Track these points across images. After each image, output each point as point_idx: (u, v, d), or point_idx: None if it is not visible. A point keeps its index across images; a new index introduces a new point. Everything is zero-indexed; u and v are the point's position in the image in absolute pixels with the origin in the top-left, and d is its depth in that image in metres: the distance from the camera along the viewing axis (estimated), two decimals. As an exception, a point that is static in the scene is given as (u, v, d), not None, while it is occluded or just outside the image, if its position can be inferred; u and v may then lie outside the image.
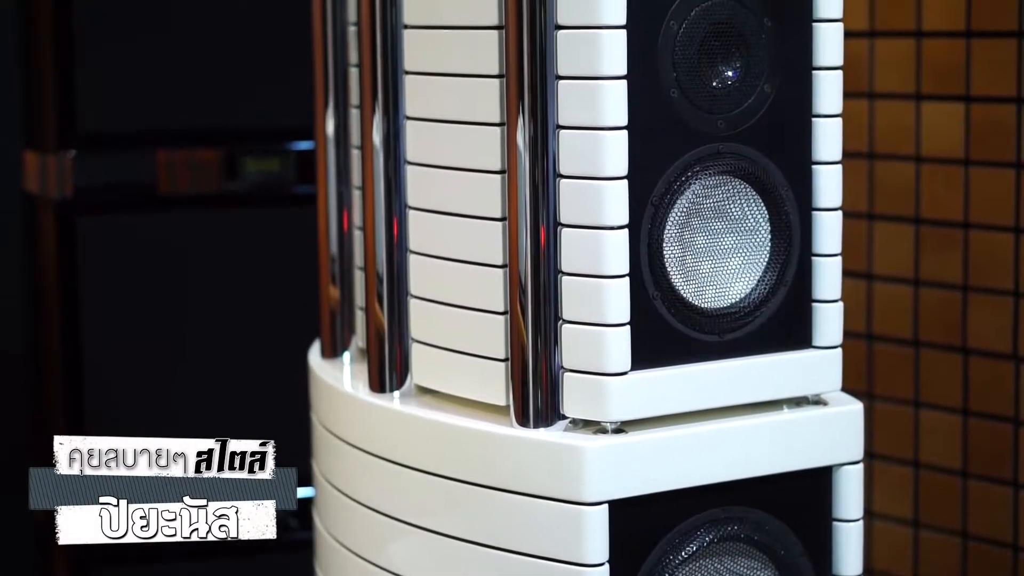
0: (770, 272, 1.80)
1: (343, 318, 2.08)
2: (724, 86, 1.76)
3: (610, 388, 1.72)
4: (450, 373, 1.85)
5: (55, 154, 2.61)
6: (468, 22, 1.78)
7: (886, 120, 2.56)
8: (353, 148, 2.04)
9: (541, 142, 1.71)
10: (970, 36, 2.44)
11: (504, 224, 1.76)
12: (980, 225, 2.46)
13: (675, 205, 1.75)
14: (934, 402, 2.54)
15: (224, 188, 2.67)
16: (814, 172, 1.82)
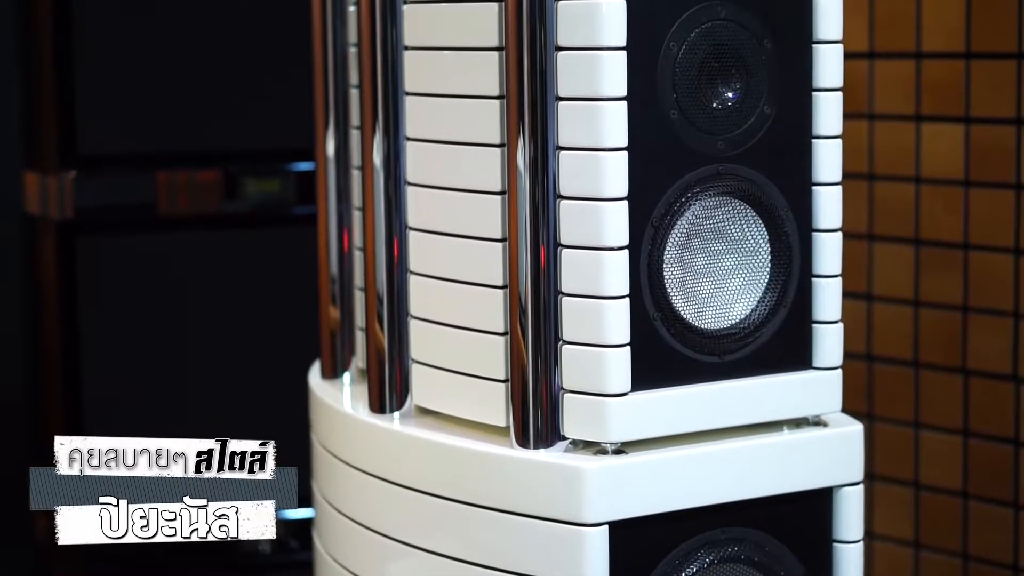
0: (770, 293, 1.81)
1: (343, 339, 2.08)
2: (724, 107, 1.76)
3: (610, 409, 1.72)
4: (450, 394, 1.85)
5: (55, 175, 2.61)
6: (468, 43, 1.78)
7: (886, 141, 2.57)
8: (353, 169, 2.04)
9: (541, 163, 1.71)
10: (970, 57, 2.45)
11: (504, 245, 1.76)
12: (980, 246, 2.46)
13: (675, 226, 1.75)
14: (934, 423, 2.54)
15: (224, 209, 2.67)
16: (814, 193, 1.82)
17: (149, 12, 2.61)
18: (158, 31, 2.61)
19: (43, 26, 2.62)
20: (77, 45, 2.59)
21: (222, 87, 2.64)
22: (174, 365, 2.65)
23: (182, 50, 2.62)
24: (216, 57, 2.64)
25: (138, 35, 2.61)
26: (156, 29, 2.61)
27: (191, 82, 2.63)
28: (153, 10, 2.61)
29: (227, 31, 2.64)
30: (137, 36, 2.61)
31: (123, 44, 2.60)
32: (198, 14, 2.63)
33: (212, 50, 2.63)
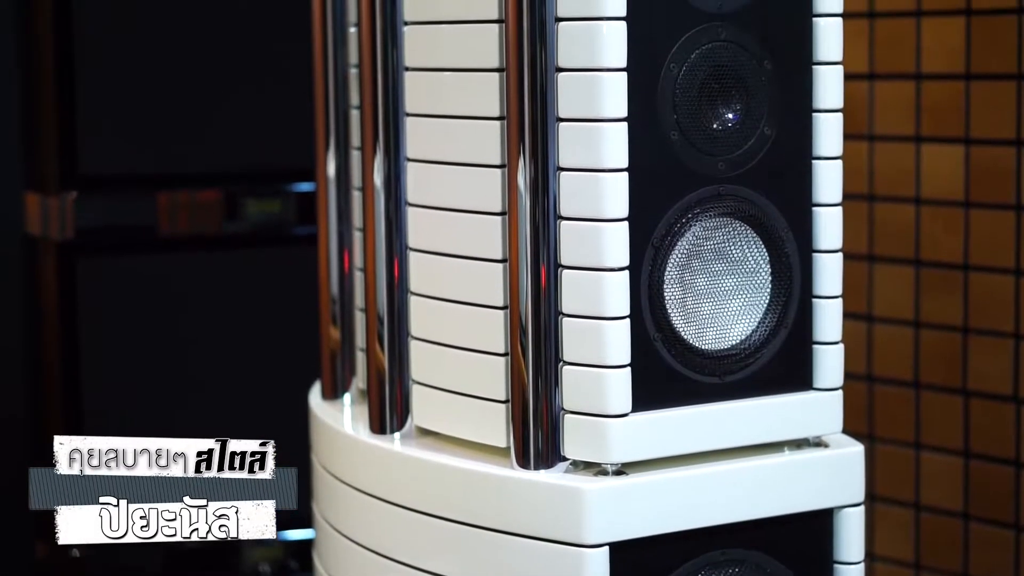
0: (771, 314, 1.81)
1: (344, 359, 2.08)
2: (724, 128, 1.76)
3: (611, 430, 1.72)
4: (451, 415, 1.85)
5: (56, 196, 2.61)
6: (469, 64, 1.78)
7: (886, 162, 2.57)
8: (354, 189, 2.04)
9: (542, 184, 1.72)
10: (969, 78, 2.45)
11: (505, 266, 1.77)
12: (980, 267, 2.46)
13: (676, 247, 1.75)
14: (935, 444, 2.54)
15: (225, 229, 2.67)
16: (814, 214, 1.82)
17: (150, 33, 2.61)
18: (159, 52, 2.62)
19: (44, 46, 2.62)
20: (78, 66, 2.59)
21: (222, 107, 2.65)
22: (175, 386, 2.65)
23: (182, 71, 2.63)
24: (216, 77, 2.64)
25: (139, 56, 2.61)
26: (157, 50, 2.62)
27: (191, 102, 2.63)
28: (154, 31, 2.61)
29: (227, 52, 2.64)
30: (138, 57, 2.61)
31: (124, 65, 2.61)
32: (199, 35, 2.63)
33: (212, 71, 2.64)
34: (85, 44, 2.59)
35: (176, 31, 2.62)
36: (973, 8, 2.44)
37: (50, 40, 2.61)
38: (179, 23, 2.62)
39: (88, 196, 2.61)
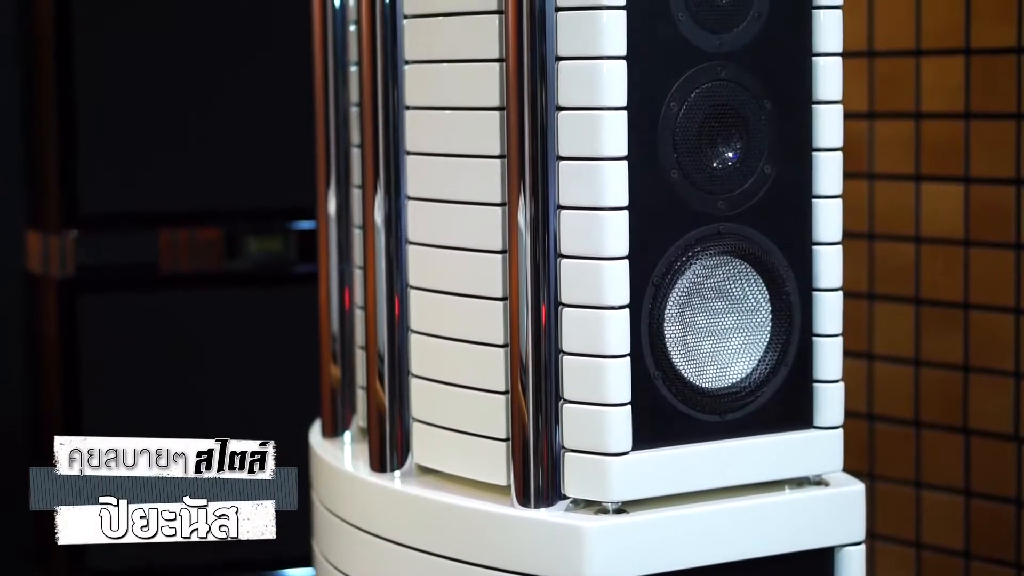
0: (771, 352, 1.81)
1: (344, 397, 2.08)
2: (724, 167, 1.77)
3: (611, 468, 1.72)
4: (451, 453, 1.84)
5: (57, 234, 2.62)
6: (470, 103, 1.79)
7: (886, 201, 2.57)
8: (355, 227, 2.05)
9: (542, 222, 1.72)
10: (969, 117, 2.45)
11: (505, 304, 1.77)
12: (980, 306, 2.46)
13: (676, 285, 1.75)
14: (936, 482, 2.53)
15: (226, 267, 2.67)
16: (814, 252, 1.82)
17: (151, 72, 2.62)
18: (160, 90, 2.62)
19: (46, 86, 2.63)
20: (80, 104, 2.60)
21: (223, 146, 2.65)
22: (175, 423, 2.65)
23: (184, 110, 2.63)
24: (217, 116, 2.65)
25: (140, 94, 2.62)
26: (158, 88, 2.62)
27: (192, 141, 2.64)
28: (155, 70, 2.62)
29: (229, 91, 2.65)
30: (139, 95, 2.62)
31: (125, 103, 2.61)
32: (199, 74, 2.64)
33: (214, 110, 2.65)
34: (87, 82, 2.60)
35: (177, 70, 2.63)
36: (972, 47, 2.44)
37: (52, 78, 2.61)
38: (180, 62, 2.63)
39: (89, 234, 2.62)
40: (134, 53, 2.61)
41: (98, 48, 2.60)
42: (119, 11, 2.60)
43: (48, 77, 2.62)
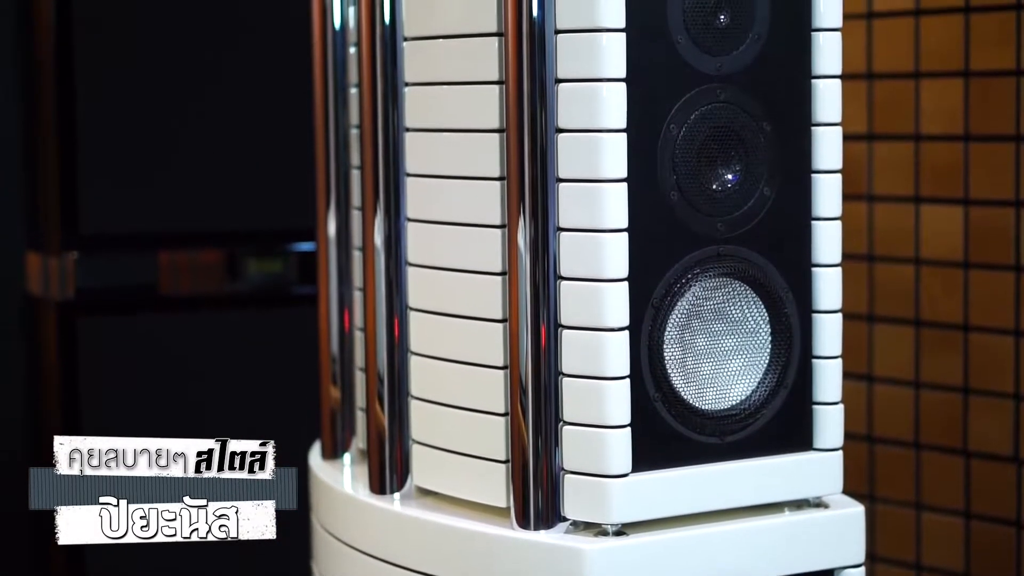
0: (771, 374, 1.81)
1: (344, 419, 2.08)
2: (724, 189, 1.77)
3: (611, 490, 1.72)
4: (451, 474, 1.84)
5: (57, 255, 2.62)
6: (469, 125, 1.79)
7: (885, 222, 2.57)
8: (354, 249, 2.05)
9: (542, 244, 1.72)
10: (968, 140, 2.46)
11: (505, 325, 1.77)
12: (980, 327, 2.46)
13: (675, 307, 1.75)
14: (936, 504, 2.53)
15: (226, 289, 2.67)
16: (814, 274, 1.83)
17: (151, 94, 2.62)
18: (160, 112, 2.63)
19: (46, 107, 2.64)
20: (80, 126, 2.60)
21: (223, 167, 2.65)
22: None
23: (184, 131, 2.64)
24: (218, 137, 2.65)
25: (140, 116, 2.62)
26: (158, 110, 2.62)
27: (192, 162, 2.64)
28: (156, 92, 2.62)
29: (229, 112, 2.65)
30: (139, 117, 2.62)
31: (125, 125, 2.62)
32: (200, 96, 2.64)
33: (214, 131, 2.65)
34: (87, 105, 2.60)
35: (178, 92, 2.63)
36: (972, 70, 2.45)
37: (52, 101, 2.62)
38: (181, 84, 2.63)
39: (89, 256, 2.62)
40: (134, 75, 2.61)
41: (99, 70, 2.60)
42: (120, 33, 2.61)
43: (48, 99, 2.63)
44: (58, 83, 2.61)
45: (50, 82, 2.62)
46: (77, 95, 2.60)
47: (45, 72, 2.63)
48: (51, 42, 2.61)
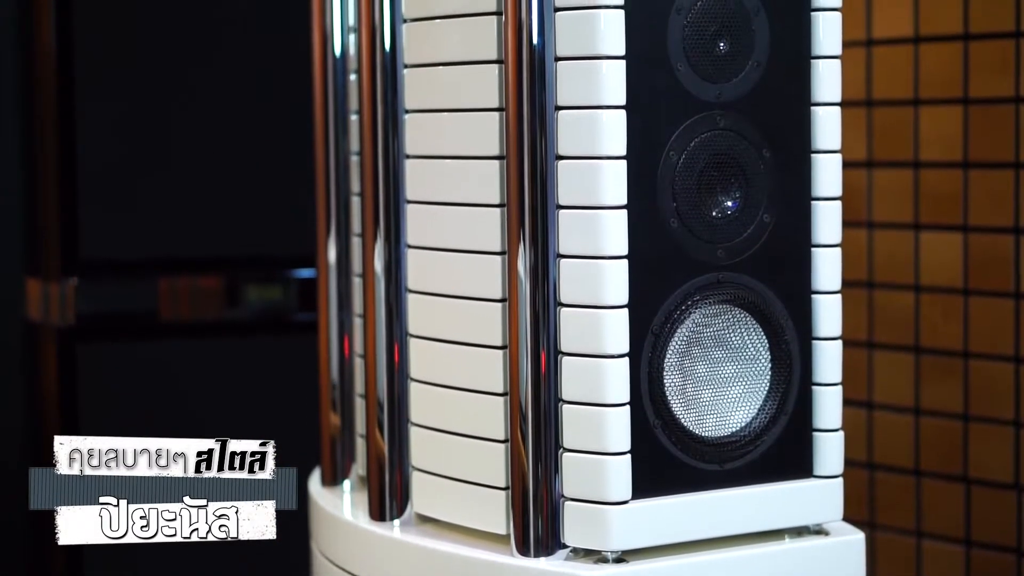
0: (771, 401, 1.81)
1: (343, 445, 2.08)
2: (724, 216, 1.77)
3: (611, 517, 1.72)
4: (451, 501, 1.84)
5: (57, 281, 2.62)
6: (469, 152, 1.79)
7: (885, 249, 2.57)
8: (354, 276, 2.05)
9: (542, 270, 1.72)
10: (968, 167, 2.46)
11: (505, 352, 1.77)
12: (980, 354, 2.46)
13: (675, 334, 1.75)
14: (936, 532, 2.53)
15: (226, 316, 2.67)
16: (814, 301, 1.83)
17: (151, 120, 2.62)
18: (160, 138, 2.63)
19: (47, 133, 2.64)
20: (80, 152, 2.60)
21: (224, 194, 2.66)
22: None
23: (184, 157, 2.64)
24: (218, 164, 2.65)
25: (140, 142, 2.62)
26: (158, 136, 2.63)
27: (192, 189, 2.64)
28: (155, 118, 2.63)
29: (229, 138, 2.65)
30: (139, 143, 2.62)
31: (125, 151, 2.62)
32: (200, 122, 2.64)
33: (214, 157, 2.65)
34: (87, 130, 2.60)
35: (177, 118, 2.63)
36: (971, 97, 2.45)
37: (53, 127, 2.62)
38: (181, 110, 2.64)
39: (89, 282, 2.62)
40: (134, 101, 2.62)
41: (99, 95, 2.61)
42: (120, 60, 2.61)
43: (49, 124, 2.63)
44: (58, 108, 2.61)
45: (50, 107, 2.62)
46: (77, 120, 2.60)
47: (46, 97, 2.64)
48: (51, 66, 2.62)
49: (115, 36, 2.61)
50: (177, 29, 2.63)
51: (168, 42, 2.63)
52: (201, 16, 2.64)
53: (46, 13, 2.62)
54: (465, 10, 1.79)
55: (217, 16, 2.65)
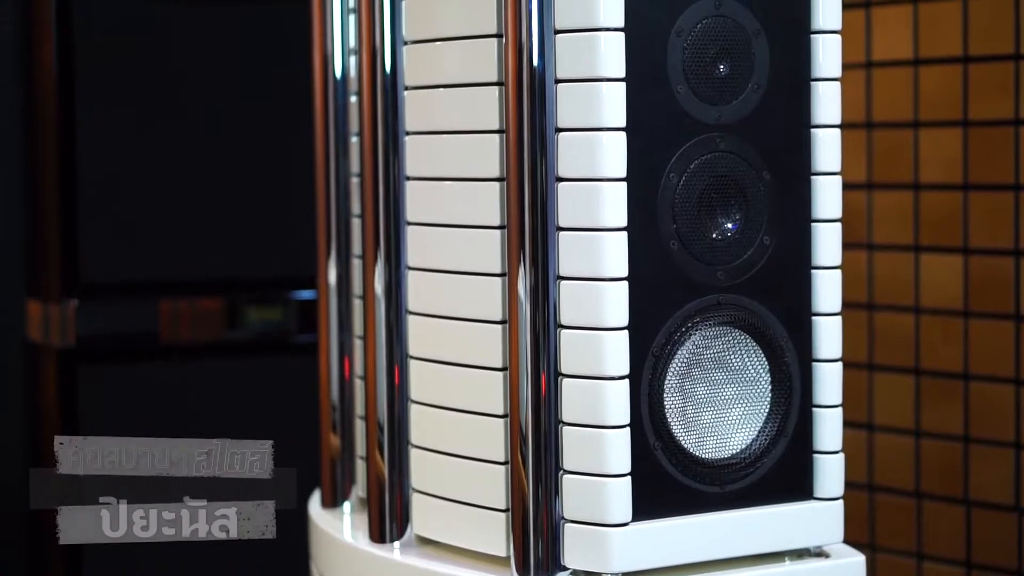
0: (771, 423, 1.81)
1: (343, 467, 2.07)
2: (724, 238, 1.77)
3: (611, 539, 1.71)
4: (451, 523, 1.84)
5: (58, 303, 2.62)
6: (470, 174, 1.79)
7: (885, 271, 2.58)
8: (355, 297, 2.05)
9: (542, 292, 1.72)
10: (967, 188, 2.46)
11: (505, 374, 1.77)
12: (980, 376, 2.46)
13: (676, 356, 1.75)
14: (937, 554, 2.52)
15: (226, 337, 2.67)
16: (814, 323, 1.83)
17: (151, 142, 2.63)
18: (160, 160, 2.63)
19: (47, 155, 2.64)
20: (81, 174, 2.60)
21: (224, 215, 2.66)
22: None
23: (184, 179, 2.64)
24: (218, 186, 2.65)
25: (140, 164, 2.63)
26: (158, 158, 2.63)
27: (193, 211, 2.65)
28: (156, 140, 2.63)
29: (229, 160, 2.66)
30: (139, 165, 2.62)
31: (125, 173, 2.62)
32: (200, 144, 2.65)
33: (214, 179, 2.65)
34: (88, 152, 2.61)
35: (178, 140, 2.64)
36: (971, 119, 2.45)
37: (54, 149, 2.62)
38: (181, 132, 2.64)
39: (89, 303, 2.62)
40: (135, 123, 2.62)
41: (99, 119, 2.61)
42: (121, 82, 2.62)
43: (50, 146, 2.63)
44: (59, 130, 2.61)
45: (51, 129, 2.63)
46: (78, 143, 2.61)
47: (46, 119, 2.64)
48: (52, 89, 2.62)
49: (116, 57, 2.61)
50: (178, 51, 2.64)
51: (169, 64, 2.63)
52: (202, 38, 2.64)
53: (47, 35, 2.62)
54: (465, 32, 1.79)
55: (218, 38, 2.65)
